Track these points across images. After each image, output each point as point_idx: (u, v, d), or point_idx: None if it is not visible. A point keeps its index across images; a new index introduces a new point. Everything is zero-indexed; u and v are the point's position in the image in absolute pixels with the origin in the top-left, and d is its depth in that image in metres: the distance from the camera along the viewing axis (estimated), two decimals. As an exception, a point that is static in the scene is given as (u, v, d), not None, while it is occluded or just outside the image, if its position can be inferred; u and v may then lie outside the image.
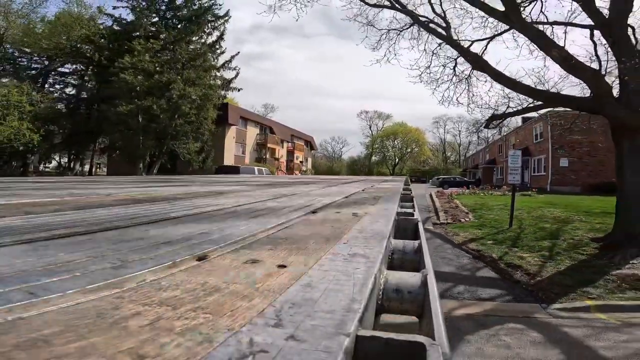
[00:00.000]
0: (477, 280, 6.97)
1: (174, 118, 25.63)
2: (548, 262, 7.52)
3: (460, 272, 7.50)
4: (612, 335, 4.68)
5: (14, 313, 0.43)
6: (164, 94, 25.37)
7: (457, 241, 10.00)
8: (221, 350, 0.36)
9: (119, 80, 23.73)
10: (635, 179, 7.89)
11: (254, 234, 1.04)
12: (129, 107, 23.82)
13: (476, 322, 5.11)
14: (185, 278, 0.61)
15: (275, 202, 2.18)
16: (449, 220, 13.02)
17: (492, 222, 11.88)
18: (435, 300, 0.59)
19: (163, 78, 25.08)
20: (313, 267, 0.70)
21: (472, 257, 8.60)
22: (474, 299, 6.03)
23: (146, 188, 3.46)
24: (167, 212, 1.52)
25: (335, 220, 1.40)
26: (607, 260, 7.23)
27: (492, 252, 8.54)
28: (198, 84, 27.22)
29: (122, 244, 0.85)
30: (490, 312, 5.51)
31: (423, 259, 0.92)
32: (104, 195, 2.40)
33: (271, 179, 8.35)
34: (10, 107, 22.93)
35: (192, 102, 26.06)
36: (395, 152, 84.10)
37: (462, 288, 6.46)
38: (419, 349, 0.39)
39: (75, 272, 0.61)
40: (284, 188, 3.83)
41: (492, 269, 7.58)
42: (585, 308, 5.57)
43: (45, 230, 1.00)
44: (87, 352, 0.35)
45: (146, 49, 25.00)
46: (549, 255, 7.93)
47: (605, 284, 6.22)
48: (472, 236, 10.28)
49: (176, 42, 27.23)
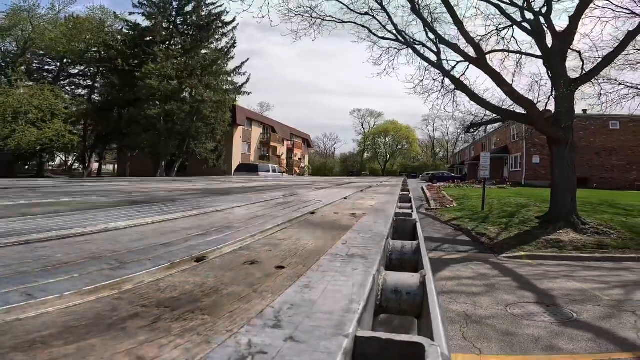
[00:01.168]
0: (456, 242, 10.63)
1: (194, 120, 27.51)
2: (503, 231, 10.93)
3: (446, 238, 11.09)
4: (529, 269, 7.95)
5: (11, 314, 0.43)
6: (187, 99, 27.53)
7: (443, 220, 13.66)
8: (220, 351, 0.36)
9: (145, 85, 25.37)
10: (560, 175, 10.86)
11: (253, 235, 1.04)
12: (157, 110, 25.71)
13: (456, 261, 8.55)
14: (184, 279, 0.61)
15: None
16: (437, 206, 16.74)
17: (470, 207, 15.27)
18: (434, 301, 0.58)
19: (185, 83, 27.06)
20: (312, 268, 0.70)
21: (454, 229, 12.21)
22: (455, 252, 9.50)
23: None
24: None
25: (333, 221, 1.40)
26: (542, 231, 10.33)
27: (467, 226, 12.07)
28: (215, 89, 29.05)
29: (118, 245, 0.85)
30: (464, 258, 8.91)
31: (421, 259, 0.92)
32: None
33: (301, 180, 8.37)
34: (47, 110, 24.28)
35: (212, 105, 27.91)
36: (387, 149, 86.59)
37: (447, 246, 10.05)
38: (418, 349, 0.39)
39: (73, 274, 0.61)
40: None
41: (467, 236, 11.22)
42: (520, 257, 8.95)
43: (41, 231, 1.00)
44: (85, 353, 0.34)
45: (167, 55, 26.69)
46: (505, 227, 11.28)
47: (536, 244, 9.58)
48: (454, 216, 13.82)
49: (192, 49, 28.82)
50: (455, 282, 6.71)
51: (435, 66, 12.37)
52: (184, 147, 28.12)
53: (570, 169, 10.83)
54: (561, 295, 5.98)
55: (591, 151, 29.87)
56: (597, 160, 30.44)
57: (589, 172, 29.14)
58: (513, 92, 11.28)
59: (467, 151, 57.39)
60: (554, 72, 11.19)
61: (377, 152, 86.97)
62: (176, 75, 26.65)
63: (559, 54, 11.08)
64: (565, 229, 10.08)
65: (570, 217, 10.43)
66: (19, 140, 23.15)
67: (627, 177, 30.54)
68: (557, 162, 10.91)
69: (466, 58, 11.86)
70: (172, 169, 28.37)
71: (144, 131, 26.02)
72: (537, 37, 11.53)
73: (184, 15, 30.50)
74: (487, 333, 4.54)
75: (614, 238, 9.75)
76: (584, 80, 11.36)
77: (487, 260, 8.58)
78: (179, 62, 27.38)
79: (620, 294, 6.20)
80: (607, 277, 7.32)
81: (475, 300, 5.72)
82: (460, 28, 11.50)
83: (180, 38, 29.40)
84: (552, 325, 4.83)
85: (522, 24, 11.91)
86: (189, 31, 30.46)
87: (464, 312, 5.17)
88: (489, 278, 7.07)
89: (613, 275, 7.47)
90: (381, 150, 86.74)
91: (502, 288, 6.40)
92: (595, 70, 11.10)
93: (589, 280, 7.02)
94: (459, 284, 6.58)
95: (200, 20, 30.18)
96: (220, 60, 30.10)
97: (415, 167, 76.36)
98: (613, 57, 10.89)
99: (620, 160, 30.70)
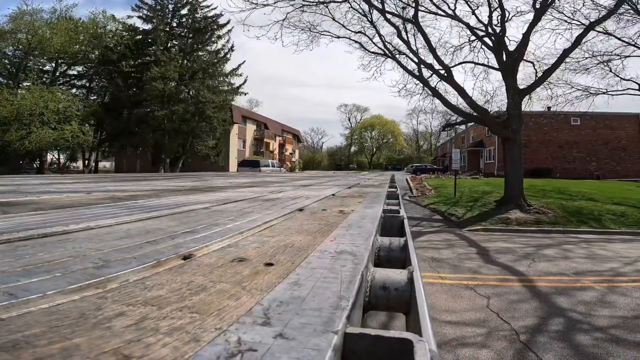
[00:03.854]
0: (432, 220, 12.93)
1: (198, 120, 28.82)
2: (468, 212, 13.17)
3: (424, 217, 13.36)
4: (480, 237, 10.01)
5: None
6: (189, 100, 28.87)
7: (423, 204, 16.23)
8: (209, 349, 0.35)
9: (151, 87, 26.46)
10: (511, 167, 13.15)
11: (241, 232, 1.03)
12: (164, 111, 26.96)
13: (431, 233, 10.58)
14: (171, 277, 0.61)
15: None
16: (419, 194, 19.40)
17: (445, 194, 18.06)
18: (422, 297, 0.59)
19: (189, 85, 28.45)
20: (300, 265, 0.70)
21: (431, 211, 14.66)
22: (431, 227, 11.62)
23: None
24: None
25: (321, 218, 1.40)
26: (496, 211, 12.59)
27: (441, 209, 14.41)
28: (216, 90, 30.54)
29: (102, 243, 0.83)
30: (437, 230, 11.02)
31: (409, 255, 0.93)
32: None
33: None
34: (62, 112, 25.21)
35: (214, 106, 29.33)
36: (373, 142, 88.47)
37: (425, 223, 12.27)
38: (407, 345, 0.40)
39: (56, 272, 0.59)
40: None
41: (440, 216, 13.52)
42: (477, 230, 10.96)
43: (22, 229, 0.97)
44: (70, 353, 0.34)
45: (170, 58, 27.66)
46: (469, 209, 13.53)
47: (490, 221, 11.76)
48: (432, 202, 16.39)
49: (192, 52, 29.88)
50: (429, 243, 9.17)
51: (415, 76, 14.31)
52: (187, 145, 29.65)
53: (518, 163, 13.14)
54: (493, 251, 8.32)
55: (555, 144, 33.20)
56: (560, 153, 33.28)
57: (552, 164, 32.44)
58: (472, 103, 13.44)
59: (449, 144, 60.33)
60: (506, 83, 13.38)
61: (363, 146, 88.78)
62: (179, 77, 28.04)
63: (510, 69, 13.19)
64: (513, 210, 12.37)
65: (519, 200, 12.76)
66: (37, 141, 24.11)
67: (587, 167, 33.23)
68: (508, 157, 13.21)
69: (438, 76, 13.94)
70: (176, 166, 30.12)
71: (152, 131, 27.44)
72: (496, 53, 13.47)
73: (180, 18, 31.17)
74: (444, 266, 6.96)
75: (549, 216, 12.00)
76: (528, 91, 13.53)
77: (453, 232, 10.77)
78: (181, 65, 28.56)
79: (532, 250, 8.49)
80: (530, 241, 9.54)
81: (439, 252, 8.19)
82: (433, 53, 13.54)
83: (178, 41, 30.31)
84: (480, 263, 7.24)
85: (484, 39, 13.90)
86: (185, 34, 31.11)
87: (431, 257, 7.56)
88: (451, 241, 9.42)
89: (535, 240, 9.67)
90: (367, 143, 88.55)
91: (458, 246, 8.88)
92: (536, 83, 13.26)
93: (517, 243, 9.26)
94: (430, 244, 9.00)
95: (195, 22, 30.90)
96: (219, 62, 31.14)
97: (401, 160, 78.93)
98: (551, 71, 12.94)
99: (580, 153, 33.51)
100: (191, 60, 29.71)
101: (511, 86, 13.14)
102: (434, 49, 13.61)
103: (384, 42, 14.48)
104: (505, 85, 13.48)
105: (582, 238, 10.07)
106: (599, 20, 12.50)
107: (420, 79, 14.18)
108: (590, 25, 12.44)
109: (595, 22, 12.47)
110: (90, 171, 31.45)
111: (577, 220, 11.73)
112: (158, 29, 28.88)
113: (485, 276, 6.38)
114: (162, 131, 27.77)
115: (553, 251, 8.50)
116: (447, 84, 13.70)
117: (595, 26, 12.67)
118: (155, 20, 29.35)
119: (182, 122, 27.97)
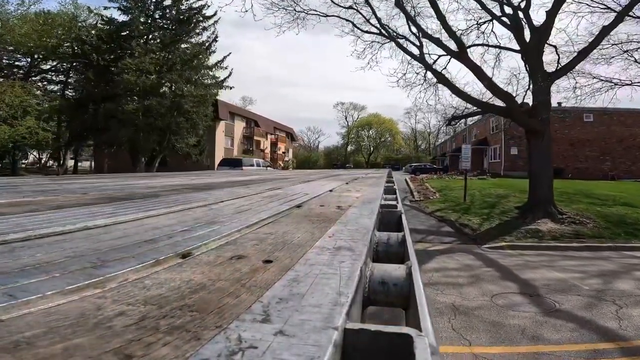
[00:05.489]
0: (441, 233, 10.59)
1: (175, 115, 27.04)
2: (485, 222, 11.09)
3: (430, 229, 11.03)
4: (511, 259, 8.13)
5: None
6: (166, 93, 27.01)
7: (427, 211, 13.64)
8: (210, 347, 0.35)
9: (122, 80, 24.75)
10: (538, 165, 11.13)
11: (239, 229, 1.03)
12: (135, 106, 25.18)
13: (441, 252, 8.64)
14: (170, 276, 0.61)
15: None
16: (421, 198, 16.67)
17: (452, 198, 15.38)
18: (421, 292, 0.59)
19: (165, 78, 26.61)
20: (299, 262, 0.70)
21: (437, 220, 12.24)
22: (440, 242, 9.57)
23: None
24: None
25: (319, 214, 1.40)
26: (521, 221, 10.61)
27: (450, 217, 12.13)
28: (196, 83, 28.79)
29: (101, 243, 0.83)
30: (449, 249, 9.00)
31: (407, 250, 0.93)
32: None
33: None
34: (18, 107, 23.53)
35: (193, 100, 27.51)
36: (370, 141, 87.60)
37: (432, 237, 10.04)
38: (406, 340, 0.40)
39: (54, 273, 0.59)
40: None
41: (451, 227, 11.24)
42: (501, 247, 9.09)
43: (20, 230, 0.97)
44: (72, 353, 0.34)
45: (146, 50, 26.09)
46: (487, 218, 11.46)
47: (516, 234, 9.77)
48: (438, 208, 13.93)
49: (172, 44, 28.23)
50: (442, 273, 6.83)
51: (417, 59, 12.45)
52: (164, 142, 27.75)
53: (547, 160, 11.12)
54: (542, 285, 6.12)
55: (566, 142, 30.84)
56: (571, 151, 31.37)
57: (564, 163, 30.01)
58: (492, 86, 11.46)
59: (449, 143, 58.71)
60: (532, 65, 11.45)
61: (360, 145, 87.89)
62: (155, 69, 26.29)
63: (536, 48, 11.33)
64: (543, 219, 10.28)
65: (548, 207, 10.68)
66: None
67: (601, 167, 31.27)
68: (535, 153, 11.20)
69: (448, 52, 11.96)
70: (152, 165, 27.96)
71: (123, 127, 25.56)
72: (516, 32, 11.74)
73: (163, 9, 29.86)
74: (475, 324, 4.62)
75: (590, 227, 9.96)
76: (561, 74, 11.56)
77: (471, 250, 8.69)
78: (158, 57, 26.82)
79: (600, 283, 6.34)
80: (586, 266, 7.53)
81: (462, 292, 5.85)
82: (443, 22, 11.64)
83: (160, 32, 28.81)
84: (537, 316, 4.93)
85: (501, 18, 12.10)
86: (168, 25, 29.82)
87: (451, 304, 5.26)
88: (473, 269, 7.19)
89: (591, 264, 7.67)
90: (365, 143, 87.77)
91: (486, 279, 6.54)
92: (571, 64, 11.34)
93: (569, 269, 7.22)
94: (445, 275, 6.72)
95: (180, 14, 29.64)
96: (202, 54, 29.71)
97: (399, 159, 77.43)
98: (588, 51, 11.09)
99: (593, 152, 31.50)
100: (170, 52, 28.05)
101: (538, 68, 11.27)
102: (443, 16, 11.64)
103: (380, 23, 12.76)
104: (528, 68, 11.68)
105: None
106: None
107: (422, 62, 12.48)
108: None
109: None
110: (66, 171, 30.14)
111: (624, 232, 9.69)
112: (136, 20, 27.52)
113: (557, 347, 4.00)
114: (135, 127, 25.68)
115: (631, 283, 6.21)
116: (460, 61, 11.83)
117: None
118: (134, 11, 27.91)
119: (156, 117, 26.07)
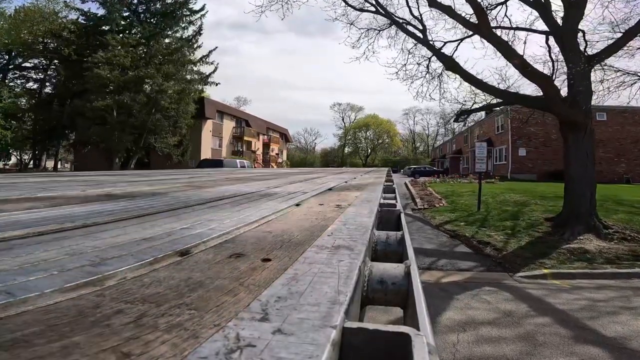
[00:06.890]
0: (455, 254, 8.13)
1: (152, 113, 25.56)
2: (511, 239, 8.71)
3: (441, 249, 8.60)
4: (567, 296, 5.74)
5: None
6: (142, 89, 25.40)
7: (434, 223, 11.21)
8: (208, 345, 0.35)
9: (92, 75, 23.40)
10: (578, 166, 9.05)
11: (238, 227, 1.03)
12: (105, 102, 23.68)
13: (460, 287, 6.18)
14: (168, 274, 0.61)
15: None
16: (425, 205, 14.23)
17: (463, 206, 13.12)
18: (419, 291, 0.60)
19: (140, 73, 24.96)
20: (298, 260, 0.70)
21: (449, 236, 9.70)
22: (455, 269, 7.13)
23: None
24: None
25: (318, 213, 1.40)
26: (558, 237, 8.42)
27: (465, 232, 9.67)
28: (177, 78, 27.22)
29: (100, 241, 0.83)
30: (470, 279, 6.60)
31: (406, 249, 0.94)
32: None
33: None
34: None
35: (171, 96, 26.06)
36: (368, 143, 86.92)
37: (444, 261, 7.59)
38: (405, 339, 0.40)
39: (52, 271, 0.59)
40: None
41: (467, 245, 8.76)
42: (543, 276, 6.74)
43: (19, 227, 0.97)
44: (70, 351, 0.34)
45: (121, 43, 24.77)
46: (512, 233, 9.14)
47: (557, 256, 7.42)
48: (447, 219, 11.51)
49: (151, 37, 26.98)
50: (471, 333, 4.40)
51: (421, 42, 11.00)
52: (141, 141, 26.23)
53: (590, 160, 9.06)
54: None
55: None
56: None
57: None
58: (526, 66, 9.40)
59: (449, 144, 57.31)
60: (568, 46, 9.48)
61: (358, 147, 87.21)
62: (131, 64, 25.06)
63: (571, 26, 9.46)
64: (586, 235, 8.22)
65: (590, 219, 8.60)
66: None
67: (615, 169, 29.39)
68: (574, 151, 9.13)
69: (464, 23, 10.09)
70: (128, 166, 26.37)
71: (94, 124, 24.33)
72: (543, 10, 10.01)
73: (147, 2, 28.78)
74: None
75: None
76: (606, 55, 9.61)
77: (502, 283, 6.33)
78: (134, 51, 25.61)
79: None
80: None
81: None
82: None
83: (140, 27, 27.65)
84: None
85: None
86: (152, 19, 28.68)
87: None
88: (518, 319, 4.83)
89: None
90: (362, 144, 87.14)
91: (548, 342, 4.19)
92: (617, 44, 9.49)
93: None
94: (477, 338, 4.29)
95: (165, 8, 28.56)
96: (185, 48, 28.55)
97: (397, 161, 75.94)
98: (635, 31, 9.25)
99: (608, 153, 29.24)
100: (149, 46, 26.79)
101: (575, 49, 9.35)
102: None
103: (377, 2, 11.40)
104: (561, 50, 9.77)
105: None
106: None
107: (426, 45, 10.92)
108: None
109: None
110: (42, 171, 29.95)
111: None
112: (114, 12, 26.49)
113: None
114: (107, 125, 24.23)
115: None
116: (481, 36, 10.05)
117: None
118: (113, 5, 26.76)
119: (131, 115, 24.66)
